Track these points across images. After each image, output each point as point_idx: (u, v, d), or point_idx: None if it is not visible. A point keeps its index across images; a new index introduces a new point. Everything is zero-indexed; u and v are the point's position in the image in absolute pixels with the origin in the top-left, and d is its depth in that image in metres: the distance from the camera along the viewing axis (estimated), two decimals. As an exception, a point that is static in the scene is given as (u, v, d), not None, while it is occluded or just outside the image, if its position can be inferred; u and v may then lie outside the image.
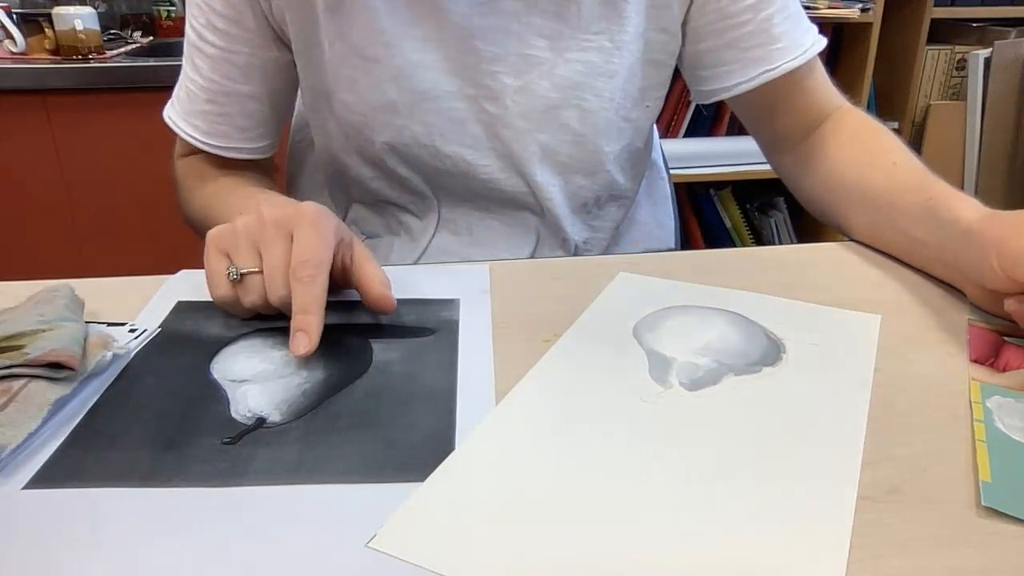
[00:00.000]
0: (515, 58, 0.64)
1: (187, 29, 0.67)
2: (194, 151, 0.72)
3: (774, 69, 0.67)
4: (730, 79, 0.69)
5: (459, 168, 0.68)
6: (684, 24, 0.68)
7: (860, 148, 0.66)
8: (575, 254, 0.76)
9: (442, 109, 0.66)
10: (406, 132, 0.66)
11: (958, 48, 2.06)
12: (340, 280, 0.50)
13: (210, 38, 0.65)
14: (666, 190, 0.89)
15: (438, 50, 0.64)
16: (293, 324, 0.45)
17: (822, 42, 0.70)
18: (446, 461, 0.37)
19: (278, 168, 0.82)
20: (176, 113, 0.70)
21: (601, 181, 0.74)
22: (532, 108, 0.66)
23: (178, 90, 0.70)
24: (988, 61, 2.01)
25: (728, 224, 2.14)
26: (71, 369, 0.41)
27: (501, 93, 0.65)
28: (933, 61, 2.06)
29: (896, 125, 2.08)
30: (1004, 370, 0.45)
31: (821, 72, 0.71)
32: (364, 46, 0.63)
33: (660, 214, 0.85)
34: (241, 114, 0.68)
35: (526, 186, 0.70)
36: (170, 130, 0.71)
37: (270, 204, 0.50)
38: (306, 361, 0.45)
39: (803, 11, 0.70)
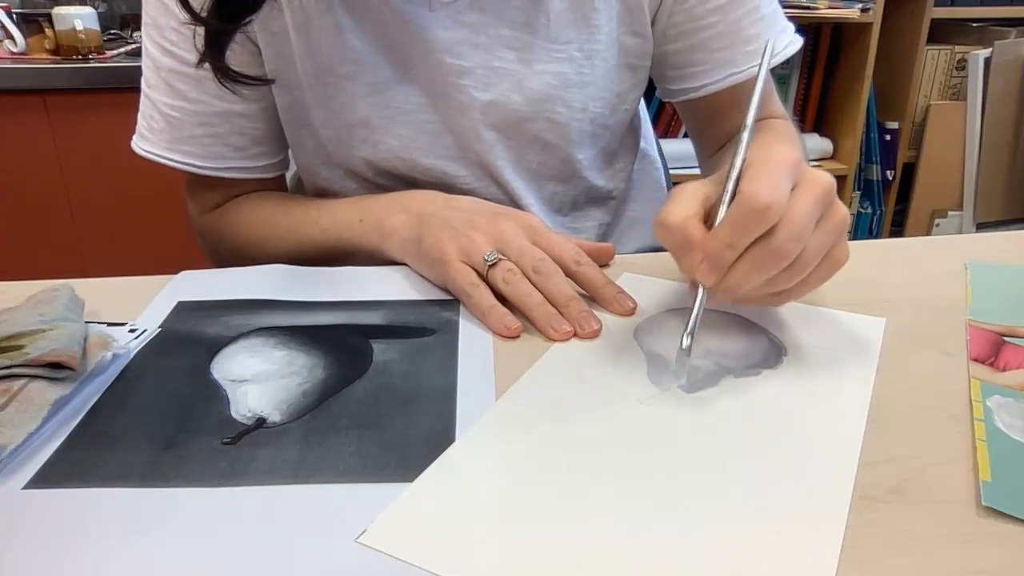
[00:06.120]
0: (483, 71, 0.64)
1: (159, 57, 0.63)
2: (216, 205, 0.71)
3: (740, 72, 0.67)
4: (697, 80, 0.69)
5: (438, 179, 0.68)
6: (652, 25, 0.68)
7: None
8: None
9: (416, 123, 0.65)
10: (382, 146, 0.66)
11: (958, 48, 2.06)
12: None
13: (193, 59, 0.61)
14: (661, 182, 0.87)
15: (407, 65, 0.63)
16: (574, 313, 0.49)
17: (797, 43, 0.70)
18: (440, 458, 0.37)
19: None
20: (156, 145, 0.66)
21: (577, 186, 0.73)
22: (501, 121, 0.66)
23: (149, 121, 0.66)
24: (988, 61, 2.01)
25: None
26: (71, 369, 0.41)
27: (470, 107, 0.64)
28: (933, 61, 2.06)
29: (896, 125, 2.08)
30: (1004, 370, 0.45)
31: (771, 80, 0.72)
32: (335, 64, 0.63)
33: (651, 211, 0.84)
34: (232, 132, 0.66)
35: (504, 194, 0.69)
36: (153, 163, 0.66)
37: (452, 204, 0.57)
38: (306, 361, 0.45)
39: (780, 11, 0.69)
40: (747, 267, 0.41)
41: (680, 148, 2.02)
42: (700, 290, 0.43)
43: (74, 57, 1.57)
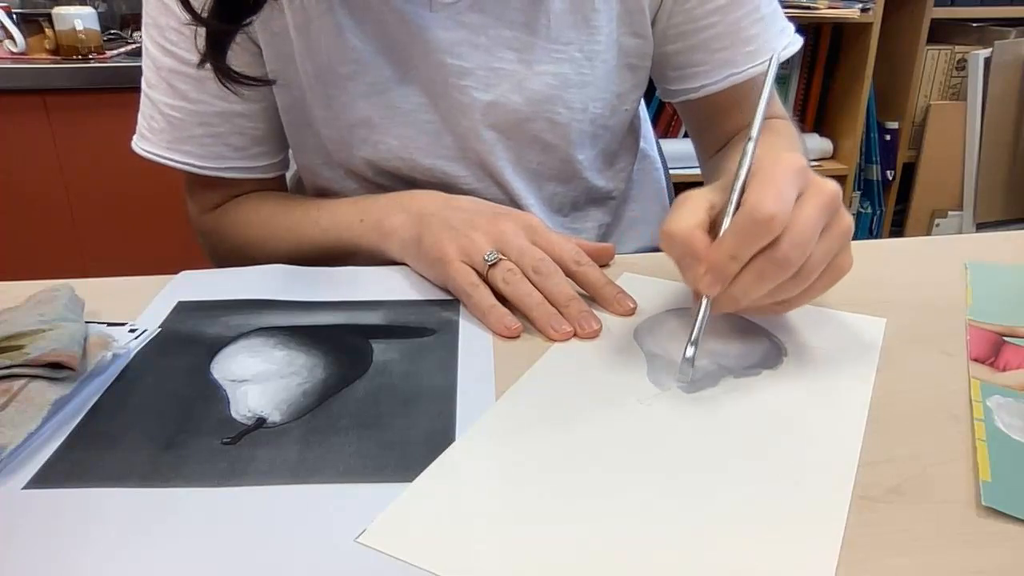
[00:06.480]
0: (484, 72, 0.64)
1: (159, 57, 0.63)
2: (216, 205, 0.71)
3: (740, 73, 0.67)
4: (697, 80, 0.69)
5: (438, 179, 0.68)
6: (652, 26, 0.68)
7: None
8: None
9: (416, 123, 0.65)
10: (382, 146, 0.66)
11: (958, 48, 2.06)
12: None
13: (193, 59, 0.61)
14: (661, 182, 0.87)
15: (408, 65, 0.64)
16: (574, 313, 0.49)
17: (797, 43, 0.70)
18: (440, 458, 0.37)
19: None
20: (156, 145, 0.66)
21: (577, 187, 0.74)
22: (501, 121, 0.66)
23: (150, 121, 0.66)
24: (988, 61, 2.01)
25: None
26: (71, 369, 0.41)
27: (470, 107, 0.64)
28: (933, 61, 2.06)
29: (896, 125, 2.08)
30: (1004, 370, 0.45)
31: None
32: (335, 64, 0.63)
33: (650, 211, 0.84)
34: (232, 132, 0.66)
35: (504, 194, 0.70)
36: (154, 163, 0.66)
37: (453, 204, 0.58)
38: (306, 361, 0.45)
39: (780, 11, 0.69)
40: (751, 277, 0.41)
41: (680, 148, 2.02)
42: (704, 300, 0.43)
43: (74, 57, 1.57)
